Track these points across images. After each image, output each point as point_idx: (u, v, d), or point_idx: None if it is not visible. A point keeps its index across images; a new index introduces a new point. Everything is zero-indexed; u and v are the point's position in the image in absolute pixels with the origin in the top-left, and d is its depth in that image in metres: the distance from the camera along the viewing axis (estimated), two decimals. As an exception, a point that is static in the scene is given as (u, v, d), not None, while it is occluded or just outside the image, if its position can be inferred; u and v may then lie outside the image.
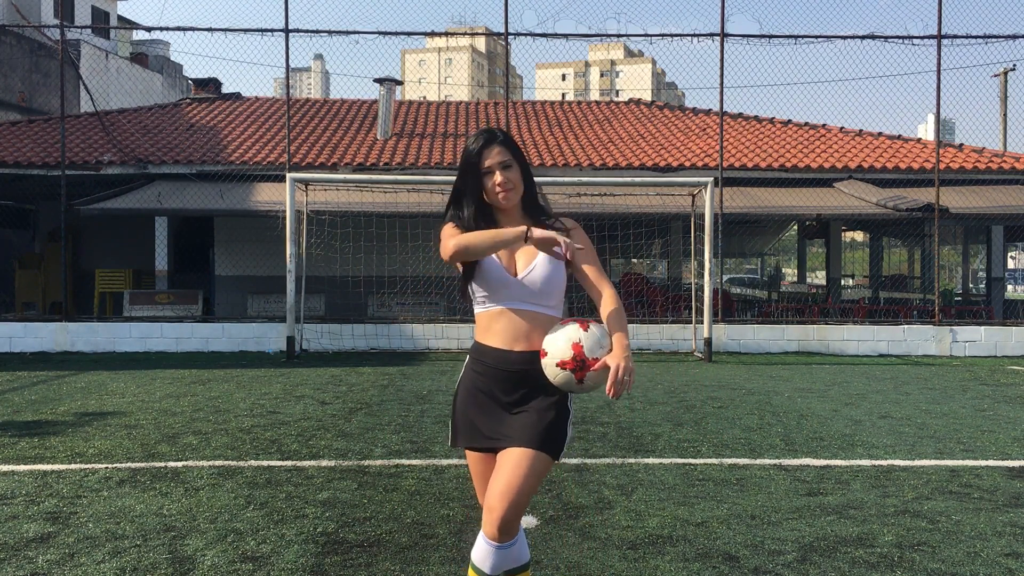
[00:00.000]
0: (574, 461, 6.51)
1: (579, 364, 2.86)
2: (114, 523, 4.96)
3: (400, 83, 22.55)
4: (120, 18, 32.45)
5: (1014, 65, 27.32)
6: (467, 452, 3.16)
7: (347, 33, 16.57)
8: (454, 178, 3.18)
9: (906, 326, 15.89)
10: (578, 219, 3.23)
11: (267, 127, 21.42)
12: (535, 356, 2.98)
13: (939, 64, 16.19)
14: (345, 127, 21.94)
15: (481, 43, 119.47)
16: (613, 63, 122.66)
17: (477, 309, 3.12)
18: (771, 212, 17.87)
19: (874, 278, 25.91)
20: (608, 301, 3.03)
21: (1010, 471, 6.38)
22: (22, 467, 6.35)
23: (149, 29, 17.21)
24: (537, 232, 2.88)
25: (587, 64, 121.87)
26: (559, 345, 2.88)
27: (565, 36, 16.87)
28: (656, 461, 6.59)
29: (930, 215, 16.54)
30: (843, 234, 28.05)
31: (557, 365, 2.87)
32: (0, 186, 19.03)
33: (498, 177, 3.07)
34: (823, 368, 13.35)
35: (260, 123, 21.82)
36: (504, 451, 3.00)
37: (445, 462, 6.53)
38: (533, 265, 3.04)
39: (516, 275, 3.04)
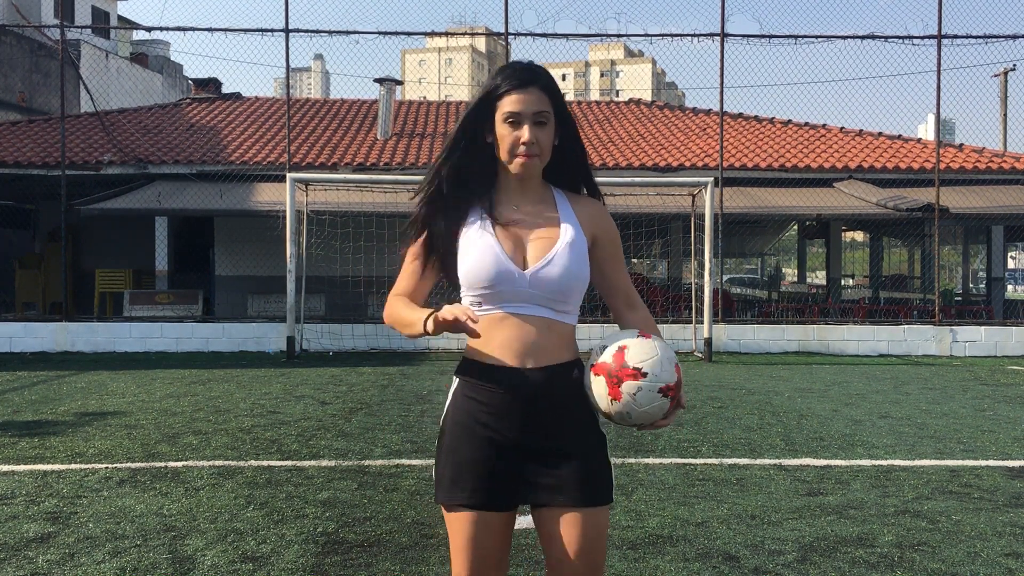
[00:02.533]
0: (574, 461, 6.50)
1: (678, 390, 2.27)
2: (114, 523, 4.96)
3: (400, 83, 22.56)
4: (120, 18, 32.46)
5: (1014, 65, 27.31)
6: (455, 512, 2.31)
7: (347, 33, 16.58)
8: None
9: (906, 326, 15.89)
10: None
11: (267, 127, 21.42)
12: (555, 372, 2.30)
13: (939, 64, 16.20)
14: (345, 127, 21.93)
15: (481, 43, 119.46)
16: (613, 63, 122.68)
17: None
18: (771, 212, 17.87)
19: (874, 278, 25.90)
20: (642, 309, 2.45)
21: (1010, 471, 6.38)
22: (22, 467, 6.35)
23: (149, 29, 17.23)
24: (441, 314, 2.14)
25: (587, 64, 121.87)
26: (665, 367, 2.23)
27: (565, 36, 16.88)
28: (656, 461, 6.59)
29: (930, 215, 16.53)
30: (843, 234, 28.05)
31: (660, 391, 2.22)
32: (0, 186, 19.03)
33: (526, 133, 2.27)
34: (823, 368, 13.35)
35: (260, 123, 21.82)
36: (561, 516, 2.27)
37: (445, 462, 6.52)
38: (551, 255, 2.29)
39: (526, 268, 2.29)
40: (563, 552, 2.27)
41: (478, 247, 2.29)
